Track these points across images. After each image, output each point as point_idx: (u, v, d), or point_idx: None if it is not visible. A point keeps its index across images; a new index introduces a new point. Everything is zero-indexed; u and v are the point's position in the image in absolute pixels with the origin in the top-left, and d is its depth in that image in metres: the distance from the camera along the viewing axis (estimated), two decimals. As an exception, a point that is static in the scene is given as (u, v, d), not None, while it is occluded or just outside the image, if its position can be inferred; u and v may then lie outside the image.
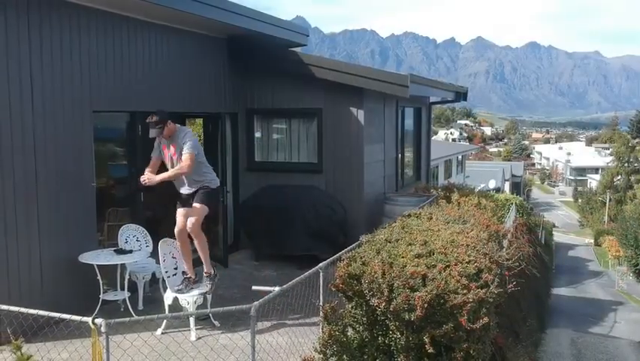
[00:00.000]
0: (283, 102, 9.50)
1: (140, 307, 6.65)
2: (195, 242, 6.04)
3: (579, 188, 77.21)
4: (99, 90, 6.76)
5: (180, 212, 6.01)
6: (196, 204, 5.91)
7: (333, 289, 4.67)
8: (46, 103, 6.06)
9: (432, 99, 13.70)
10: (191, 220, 5.86)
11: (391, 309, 4.27)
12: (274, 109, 9.62)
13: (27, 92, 5.85)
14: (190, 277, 6.10)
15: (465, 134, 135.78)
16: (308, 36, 10.43)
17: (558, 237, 38.93)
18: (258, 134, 9.83)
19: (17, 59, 5.74)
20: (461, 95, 13.51)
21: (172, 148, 5.92)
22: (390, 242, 5.26)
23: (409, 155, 12.62)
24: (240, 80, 9.47)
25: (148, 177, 5.83)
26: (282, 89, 9.48)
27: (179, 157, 5.83)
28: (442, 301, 4.27)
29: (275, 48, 9.46)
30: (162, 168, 6.15)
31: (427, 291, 4.23)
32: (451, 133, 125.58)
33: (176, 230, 6.05)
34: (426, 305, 4.17)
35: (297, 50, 10.12)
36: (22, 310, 3.97)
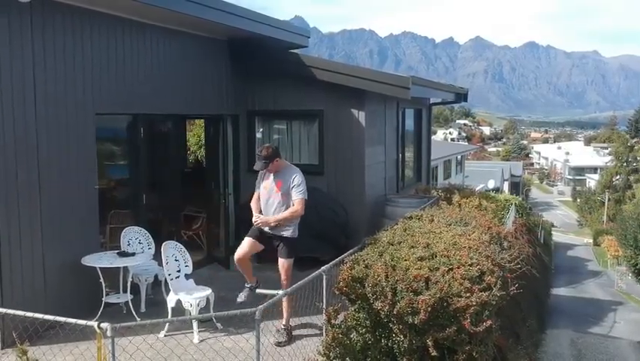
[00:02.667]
0: (284, 104, 9.51)
1: (143, 309, 6.66)
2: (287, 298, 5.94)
3: (578, 188, 77.30)
4: (102, 93, 6.77)
5: (250, 241, 5.93)
6: (283, 260, 5.89)
7: (337, 293, 4.69)
8: (49, 105, 6.07)
9: (432, 100, 13.72)
10: (285, 277, 5.86)
11: (395, 312, 4.29)
12: (275, 110, 9.64)
13: (30, 94, 5.86)
14: (252, 286, 6.12)
15: (464, 134, 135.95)
16: (309, 37, 10.45)
17: (557, 237, 38.95)
18: (259, 136, 9.84)
19: (20, 62, 5.75)
20: (462, 96, 13.53)
21: (278, 181, 5.85)
22: (392, 245, 5.28)
23: (409, 156, 12.64)
24: (241, 81, 9.48)
25: (262, 219, 5.82)
26: (283, 90, 9.49)
27: (285, 193, 5.82)
28: (445, 304, 4.29)
29: (276, 50, 9.47)
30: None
31: (430, 294, 4.25)
32: (449, 133, 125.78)
33: (236, 257, 5.97)
34: (429, 309, 4.19)
35: (298, 51, 10.14)
36: (28, 314, 3.98)
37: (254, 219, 5.87)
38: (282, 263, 5.90)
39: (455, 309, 4.28)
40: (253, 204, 5.99)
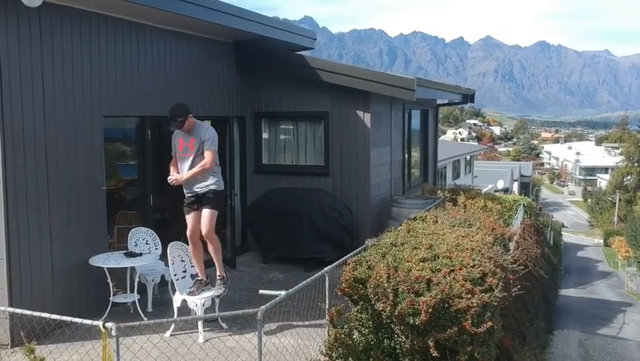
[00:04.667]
0: (290, 105, 9.57)
1: (150, 309, 6.73)
2: (210, 246, 6.08)
3: (588, 188, 76.78)
4: (109, 95, 6.86)
5: (191, 216, 6.06)
6: (206, 210, 5.93)
7: (339, 293, 4.73)
8: (57, 108, 6.16)
9: (439, 101, 13.72)
10: (205, 226, 5.90)
11: (396, 313, 4.32)
12: (281, 112, 9.69)
13: (39, 97, 5.95)
14: (201, 280, 6.17)
15: (474, 134, 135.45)
16: (315, 39, 10.51)
17: (567, 237, 38.77)
18: (265, 137, 9.91)
19: (29, 65, 5.83)
20: (468, 97, 13.51)
21: (191, 140, 5.90)
22: (395, 246, 5.30)
23: (415, 156, 12.65)
24: (247, 83, 9.55)
25: (176, 177, 5.89)
26: (289, 92, 9.54)
27: (199, 150, 5.86)
28: (446, 305, 4.31)
29: (282, 52, 9.54)
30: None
31: (431, 296, 4.27)
32: (459, 133, 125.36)
33: (188, 233, 6.08)
34: (430, 310, 4.21)
35: (306, 52, 10.19)
36: (35, 313, 4.06)
37: (169, 179, 5.94)
38: (204, 213, 5.91)
39: (456, 310, 4.29)
40: (172, 167, 6.03)
